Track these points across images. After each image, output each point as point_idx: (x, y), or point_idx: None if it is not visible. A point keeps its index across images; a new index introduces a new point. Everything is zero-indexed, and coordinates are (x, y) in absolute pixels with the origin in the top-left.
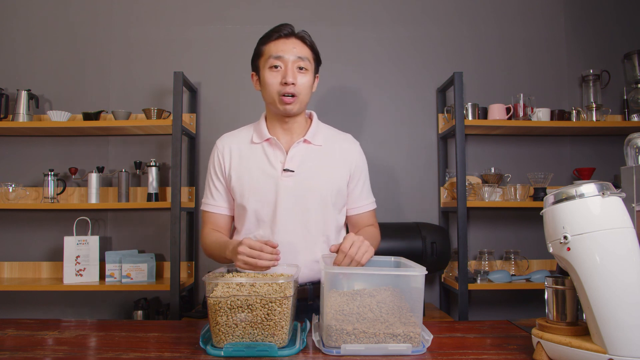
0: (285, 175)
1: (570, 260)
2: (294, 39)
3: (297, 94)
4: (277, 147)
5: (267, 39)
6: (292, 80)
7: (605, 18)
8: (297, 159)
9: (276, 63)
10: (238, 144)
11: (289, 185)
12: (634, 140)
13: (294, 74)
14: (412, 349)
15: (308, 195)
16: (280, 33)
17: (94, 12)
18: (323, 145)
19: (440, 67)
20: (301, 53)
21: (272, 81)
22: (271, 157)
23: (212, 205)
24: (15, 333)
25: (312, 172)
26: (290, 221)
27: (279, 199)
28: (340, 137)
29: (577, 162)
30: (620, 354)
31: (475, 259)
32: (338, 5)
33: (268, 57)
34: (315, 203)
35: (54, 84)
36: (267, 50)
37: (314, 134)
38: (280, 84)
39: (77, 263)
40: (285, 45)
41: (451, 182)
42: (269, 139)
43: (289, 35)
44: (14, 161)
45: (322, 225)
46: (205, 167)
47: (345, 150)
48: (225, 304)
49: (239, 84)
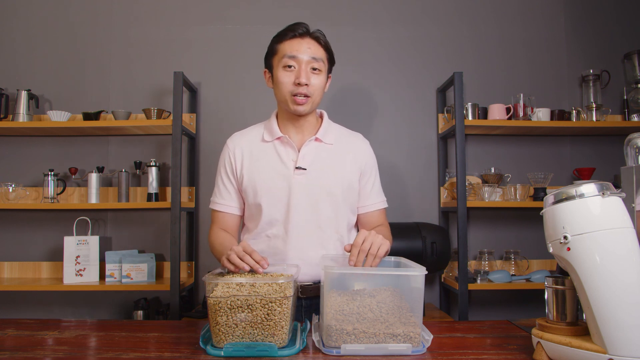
0: (298, 174)
1: (570, 260)
2: (309, 39)
3: (309, 95)
4: (289, 145)
5: (282, 38)
6: (305, 81)
7: (605, 18)
8: (309, 157)
9: (290, 63)
10: (249, 143)
11: (301, 183)
12: (634, 140)
13: (307, 75)
14: (412, 349)
15: (320, 193)
16: (295, 32)
17: (94, 12)
18: (334, 144)
19: (440, 67)
20: (315, 54)
21: (285, 80)
22: (283, 156)
23: (221, 204)
24: (15, 333)
25: (323, 170)
26: (302, 219)
27: (292, 197)
28: (351, 136)
29: (577, 162)
30: (620, 354)
31: (475, 259)
32: (338, 5)
33: (282, 56)
34: (327, 201)
35: (54, 84)
36: (282, 49)
37: (325, 132)
38: (294, 84)
39: (77, 263)
40: (300, 45)
41: (451, 182)
42: (281, 137)
43: (304, 35)
44: (14, 161)
45: (334, 222)
46: (205, 167)
47: (356, 149)
48: (225, 304)
49: (239, 83)
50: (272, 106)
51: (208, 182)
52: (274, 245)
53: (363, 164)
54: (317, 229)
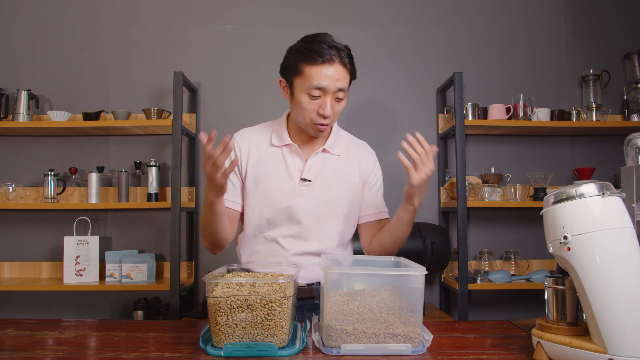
0: (302, 185)
1: (570, 260)
2: (338, 65)
3: (330, 122)
4: (297, 154)
5: (309, 60)
6: (329, 113)
7: (605, 18)
8: (315, 169)
9: (316, 93)
10: (257, 143)
11: (304, 194)
12: (634, 140)
13: (332, 105)
14: (412, 349)
15: (322, 205)
16: (324, 58)
17: (94, 12)
18: (341, 155)
19: (440, 67)
20: (342, 84)
21: (309, 108)
22: (290, 165)
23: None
24: (15, 333)
25: (328, 182)
26: (303, 229)
27: (293, 207)
28: (357, 147)
29: (577, 162)
30: (620, 354)
31: (475, 259)
32: (338, 5)
33: (308, 83)
34: (328, 213)
35: (54, 84)
36: (308, 74)
37: (333, 143)
38: (317, 113)
39: (77, 263)
40: (328, 73)
41: (451, 182)
42: (289, 145)
43: (332, 61)
44: (14, 161)
45: (335, 233)
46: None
47: (361, 161)
48: (225, 304)
49: (239, 83)
50: (272, 106)
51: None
52: (271, 248)
53: (367, 175)
54: (316, 239)
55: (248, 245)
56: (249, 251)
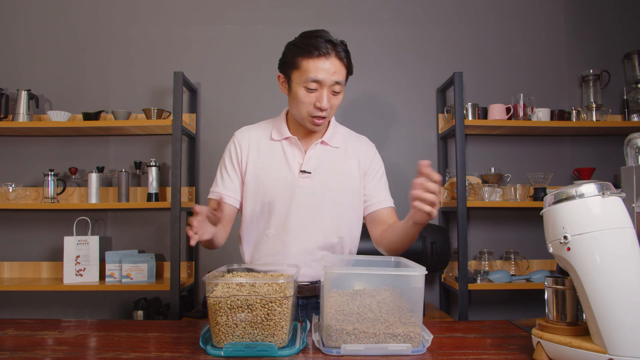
0: (302, 177)
1: (570, 260)
2: (334, 59)
3: (327, 116)
4: (296, 147)
5: (306, 54)
6: (326, 106)
7: (605, 18)
8: (314, 161)
9: (313, 86)
10: (257, 138)
11: (305, 186)
12: (634, 140)
13: (328, 98)
14: (412, 349)
15: (323, 196)
16: (320, 51)
17: (94, 12)
18: (340, 147)
19: (440, 67)
20: (338, 77)
21: (306, 101)
22: (289, 157)
23: (217, 192)
24: (15, 333)
25: (328, 174)
26: (304, 221)
27: (294, 200)
28: (356, 140)
29: (577, 162)
30: (620, 354)
31: (475, 259)
32: (338, 5)
33: (305, 76)
34: (330, 205)
35: (54, 84)
36: (305, 67)
37: (332, 135)
38: (314, 106)
39: (77, 263)
40: (324, 66)
41: (451, 182)
42: (289, 138)
43: (328, 54)
44: (14, 161)
45: (336, 226)
46: (205, 167)
47: (361, 153)
48: (225, 304)
49: (239, 83)
50: (272, 106)
51: (208, 182)
52: (273, 246)
53: (367, 166)
54: (318, 232)
55: (250, 241)
56: (251, 248)
